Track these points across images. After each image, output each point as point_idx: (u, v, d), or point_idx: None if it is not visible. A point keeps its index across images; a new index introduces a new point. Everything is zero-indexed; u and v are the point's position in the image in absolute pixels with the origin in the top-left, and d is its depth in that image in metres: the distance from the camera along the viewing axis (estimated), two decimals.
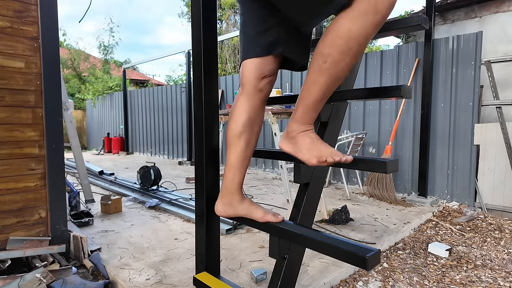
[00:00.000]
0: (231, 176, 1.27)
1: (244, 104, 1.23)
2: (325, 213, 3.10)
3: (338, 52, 0.95)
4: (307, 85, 1.05)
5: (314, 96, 1.05)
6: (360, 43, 0.94)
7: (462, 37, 3.69)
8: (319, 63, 0.99)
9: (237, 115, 1.23)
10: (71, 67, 14.04)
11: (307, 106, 1.08)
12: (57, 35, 2.20)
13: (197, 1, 1.39)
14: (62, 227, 2.24)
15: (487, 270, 2.25)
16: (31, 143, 2.12)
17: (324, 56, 0.97)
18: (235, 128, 1.23)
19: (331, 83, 1.02)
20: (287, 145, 1.15)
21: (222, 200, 1.31)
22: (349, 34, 0.92)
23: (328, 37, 0.96)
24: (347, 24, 0.92)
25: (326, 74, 0.99)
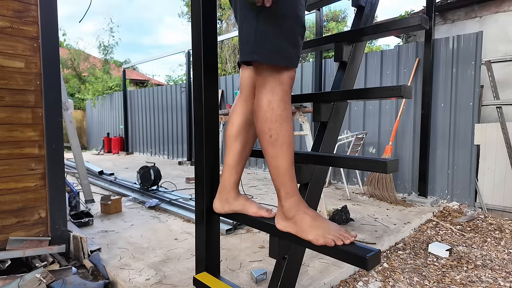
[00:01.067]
0: (228, 175, 1.34)
1: (241, 107, 1.32)
2: (325, 213, 3.10)
3: (274, 123, 1.08)
4: (271, 163, 1.12)
5: (282, 167, 1.11)
6: (283, 108, 1.09)
7: (462, 37, 3.69)
8: (266, 139, 1.10)
9: (234, 118, 1.33)
10: (71, 67, 14.04)
11: (284, 181, 1.12)
12: (57, 35, 2.20)
13: (197, 1, 1.39)
14: (62, 227, 2.24)
15: (488, 270, 2.25)
16: (31, 143, 2.12)
17: (266, 132, 1.09)
18: (232, 130, 1.32)
19: (286, 149, 1.10)
20: (286, 227, 1.14)
21: (220, 197, 1.37)
22: (272, 106, 1.08)
23: (258, 116, 1.10)
24: (266, 98, 1.08)
25: (277, 145, 1.09)
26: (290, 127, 1.11)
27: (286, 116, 1.09)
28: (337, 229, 1.08)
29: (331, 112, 1.47)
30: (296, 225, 1.11)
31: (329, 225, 1.09)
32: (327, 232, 1.06)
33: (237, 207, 1.34)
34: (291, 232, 1.13)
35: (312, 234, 1.07)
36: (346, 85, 1.54)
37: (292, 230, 1.12)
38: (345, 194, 4.17)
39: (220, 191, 1.37)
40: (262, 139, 1.12)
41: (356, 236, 1.05)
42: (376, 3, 1.67)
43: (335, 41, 1.55)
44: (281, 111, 1.08)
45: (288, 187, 1.12)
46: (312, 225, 1.09)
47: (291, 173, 1.12)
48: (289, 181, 1.12)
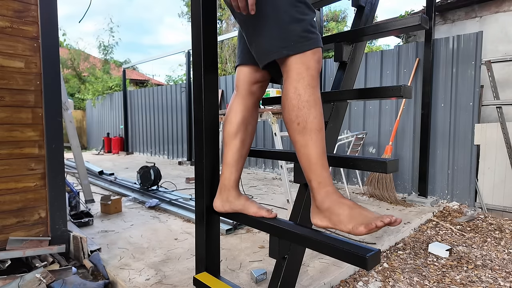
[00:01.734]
0: (228, 174, 1.34)
1: (239, 105, 1.32)
2: None
3: (301, 111, 1.05)
4: (301, 152, 1.08)
5: (313, 156, 1.07)
6: (311, 93, 1.06)
7: (463, 37, 3.69)
8: (294, 128, 1.07)
9: (232, 116, 1.32)
10: (71, 67, 14.03)
11: (315, 170, 1.07)
12: (57, 35, 2.20)
13: (197, 1, 1.39)
14: (62, 227, 2.24)
15: (488, 270, 2.25)
16: (31, 143, 2.12)
17: (294, 120, 1.07)
18: (231, 127, 1.32)
19: (316, 136, 1.06)
20: (322, 220, 1.08)
21: (220, 196, 1.36)
22: (299, 92, 1.05)
23: (286, 106, 1.09)
24: (293, 87, 1.06)
25: (306, 132, 1.06)
26: (319, 113, 1.07)
27: (314, 102, 1.06)
28: (375, 216, 1.00)
29: (331, 112, 1.47)
30: (332, 217, 1.05)
31: (367, 213, 1.01)
32: (366, 219, 0.99)
33: (237, 206, 1.33)
34: (329, 227, 1.07)
35: (350, 223, 1.00)
36: (346, 85, 1.54)
37: (330, 223, 1.06)
38: (345, 194, 4.17)
39: (220, 190, 1.37)
40: (290, 128, 1.09)
41: (396, 222, 0.96)
42: (376, 3, 1.67)
43: (335, 41, 1.55)
44: (308, 97, 1.05)
45: (320, 177, 1.07)
46: (351, 214, 1.02)
47: (322, 161, 1.07)
48: (321, 170, 1.07)
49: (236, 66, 1.34)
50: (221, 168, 1.41)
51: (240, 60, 1.33)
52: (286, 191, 2.93)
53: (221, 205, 1.36)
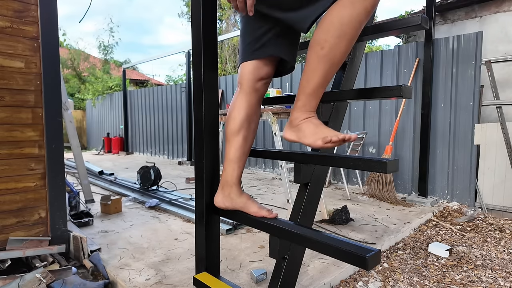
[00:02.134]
0: (230, 171, 1.33)
1: (242, 103, 1.31)
2: (325, 213, 3.10)
3: (333, 37, 1.00)
4: (307, 74, 1.08)
5: (314, 83, 1.08)
6: (353, 27, 0.99)
7: (463, 37, 3.69)
8: (316, 50, 1.04)
9: (235, 113, 1.31)
10: (71, 67, 14.04)
11: (308, 94, 1.10)
12: (57, 35, 2.20)
13: (197, 1, 1.39)
14: (62, 227, 2.24)
15: (488, 270, 2.25)
16: (31, 143, 2.12)
17: (320, 43, 1.02)
18: (234, 125, 1.31)
19: (329, 69, 1.06)
20: (291, 134, 1.16)
21: (222, 192, 1.36)
22: (342, 20, 0.98)
23: (323, 25, 1.02)
24: (339, 11, 0.99)
25: (324, 60, 1.04)
26: (348, 49, 1.03)
27: (351, 37, 1.00)
28: (335, 133, 1.09)
29: (331, 112, 1.47)
30: (299, 132, 1.12)
31: (329, 131, 1.09)
32: (325, 134, 1.08)
33: (238, 204, 1.33)
34: (294, 140, 1.14)
35: (312, 138, 1.09)
36: (346, 85, 1.54)
37: (295, 137, 1.14)
38: (345, 194, 4.17)
39: (222, 186, 1.36)
40: (312, 48, 1.05)
41: (350, 138, 1.05)
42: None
43: None
44: (348, 29, 0.99)
45: (308, 101, 1.11)
46: (315, 131, 1.09)
47: (319, 92, 1.10)
48: (313, 97, 1.11)
49: (240, 63, 1.33)
50: (221, 168, 1.41)
51: (244, 57, 1.31)
52: (286, 191, 2.93)
53: (222, 201, 1.36)
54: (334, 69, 1.07)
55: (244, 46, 1.32)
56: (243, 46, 1.32)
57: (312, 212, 1.43)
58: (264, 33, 1.24)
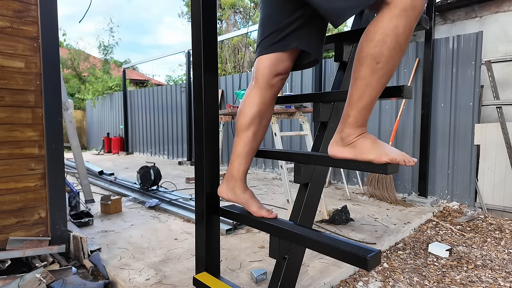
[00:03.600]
0: (237, 165, 1.32)
1: (255, 97, 1.27)
2: (325, 213, 3.10)
3: (389, 50, 0.97)
4: (359, 89, 1.03)
5: (369, 97, 1.04)
6: (407, 37, 0.98)
7: (462, 37, 3.69)
8: (371, 64, 0.99)
9: (247, 107, 1.27)
10: (71, 67, 14.04)
11: (361, 109, 1.05)
12: (57, 35, 2.20)
13: (197, 1, 1.39)
14: (62, 227, 2.24)
15: (488, 270, 2.25)
16: (31, 143, 2.12)
17: (376, 57, 0.98)
18: (244, 119, 1.27)
19: (385, 82, 1.03)
20: (343, 151, 1.10)
21: (227, 184, 1.35)
22: (397, 31, 0.95)
23: (375, 37, 0.98)
24: (392, 22, 0.95)
25: (380, 74, 1.00)
26: (400, 60, 1.01)
27: (403, 48, 0.98)
28: (399, 151, 1.05)
29: (331, 112, 1.47)
30: (355, 148, 1.07)
31: (391, 148, 1.07)
32: (389, 151, 1.04)
33: (241, 199, 1.33)
34: (347, 157, 1.09)
35: (373, 154, 1.04)
36: (346, 85, 1.54)
37: (350, 154, 1.09)
38: (345, 194, 4.17)
39: (227, 179, 1.35)
40: (364, 63, 1.00)
41: (416, 162, 1.03)
42: None
43: (336, 41, 1.55)
44: (402, 40, 0.97)
45: (361, 117, 1.06)
46: (373, 147, 1.05)
47: (371, 106, 1.06)
48: (366, 112, 1.06)
49: (257, 56, 1.26)
50: (221, 168, 1.41)
51: (262, 49, 1.24)
52: (286, 191, 2.93)
53: (226, 192, 1.35)
54: (388, 81, 1.03)
55: (263, 36, 1.24)
56: (262, 36, 1.24)
57: (312, 212, 1.43)
58: (290, 23, 1.17)
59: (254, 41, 15.70)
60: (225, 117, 3.62)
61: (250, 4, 15.29)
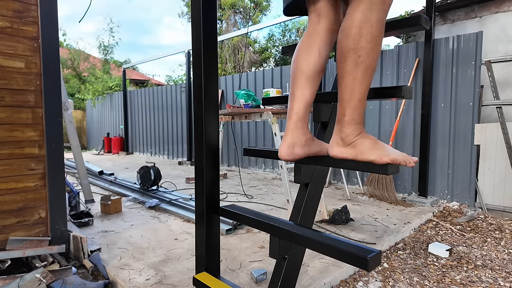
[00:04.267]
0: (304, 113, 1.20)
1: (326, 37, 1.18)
2: (325, 213, 3.10)
3: (367, 42, 1.00)
4: (348, 86, 1.04)
5: (360, 93, 1.05)
6: (380, 29, 1.01)
7: (462, 37, 3.69)
8: (353, 58, 1.01)
9: (313, 51, 1.17)
10: (71, 67, 14.04)
11: (354, 106, 1.06)
12: (57, 35, 2.20)
13: (197, 1, 1.39)
14: (62, 227, 2.24)
15: (488, 270, 2.25)
16: (31, 143, 2.12)
17: (355, 50, 1.00)
18: (309, 65, 1.17)
19: (370, 75, 1.04)
20: (343, 151, 1.10)
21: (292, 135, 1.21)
22: (371, 23, 0.99)
23: (351, 32, 1.00)
24: (365, 15, 0.99)
25: (363, 67, 1.02)
26: (379, 53, 1.04)
27: (379, 41, 1.02)
28: (399, 152, 1.06)
29: (331, 112, 1.47)
30: (356, 148, 1.07)
31: (391, 148, 1.07)
32: (390, 152, 1.04)
33: (315, 148, 1.23)
34: (348, 157, 1.08)
35: (373, 154, 1.04)
36: None
37: (350, 155, 1.08)
38: (345, 194, 4.17)
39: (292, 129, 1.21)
40: (347, 58, 1.02)
41: (417, 162, 1.04)
42: None
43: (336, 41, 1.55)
44: (377, 33, 1.00)
45: (356, 114, 1.06)
46: (373, 147, 1.06)
47: (363, 102, 1.07)
48: (359, 108, 1.06)
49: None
50: (221, 168, 1.41)
51: None
52: (286, 191, 2.93)
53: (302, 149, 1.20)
54: (372, 74, 1.05)
55: None
56: None
57: (312, 212, 1.43)
58: None
59: (254, 41, 15.71)
60: (225, 117, 3.62)
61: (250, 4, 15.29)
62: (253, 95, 3.47)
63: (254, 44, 15.73)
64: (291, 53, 1.64)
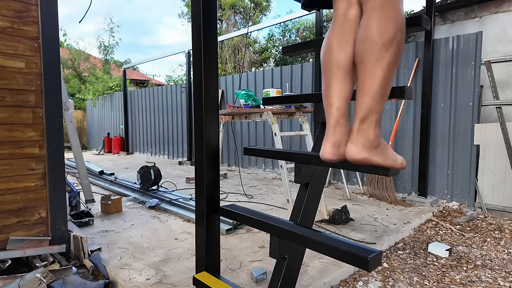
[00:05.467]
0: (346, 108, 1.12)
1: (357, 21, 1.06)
2: (325, 213, 3.10)
3: (403, 36, 0.96)
4: (386, 79, 0.95)
5: (388, 91, 0.99)
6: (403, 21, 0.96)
7: (462, 37, 3.69)
8: (396, 50, 0.95)
9: (345, 41, 1.05)
10: (71, 67, 14.04)
11: (383, 104, 0.99)
12: (57, 35, 2.20)
13: (197, 1, 1.39)
14: (62, 227, 2.24)
15: (487, 270, 2.25)
16: (31, 143, 2.12)
17: (399, 42, 0.94)
18: (345, 56, 1.05)
19: (394, 73, 0.98)
20: (371, 156, 1.00)
21: (344, 139, 1.07)
22: (403, 16, 0.95)
23: (396, 20, 0.94)
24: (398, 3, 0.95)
25: (398, 63, 0.96)
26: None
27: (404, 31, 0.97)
28: (401, 157, 1.07)
29: None
30: (383, 153, 1.01)
31: (394, 152, 1.08)
32: (398, 157, 1.04)
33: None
34: (379, 163, 1.01)
35: (391, 158, 1.02)
36: None
37: (380, 160, 1.01)
38: (345, 194, 4.17)
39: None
40: (389, 51, 0.92)
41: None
42: None
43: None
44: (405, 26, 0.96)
45: (381, 113, 0.99)
46: (388, 149, 1.04)
47: (387, 99, 1.00)
48: (383, 106, 0.99)
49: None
50: (221, 168, 1.41)
51: None
52: (286, 191, 2.93)
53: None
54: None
55: None
56: None
57: (312, 212, 1.43)
58: None
59: (254, 41, 15.71)
60: (225, 117, 3.62)
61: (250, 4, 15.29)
62: (253, 95, 3.47)
63: (254, 44, 15.73)
64: (291, 53, 1.65)
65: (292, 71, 5.43)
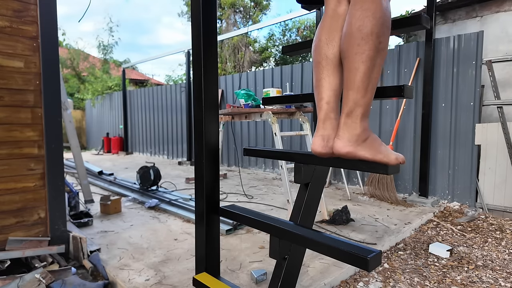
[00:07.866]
0: (337, 102, 1.13)
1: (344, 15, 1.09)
2: (326, 213, 3.09)
3: (387, 28, 0.97)
4: (365, 76, 0.97)
5: (374, 83, 1.00)
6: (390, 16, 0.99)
7: (463, 36, 3.68)
8: (375, 44, 0.95)
9: (335, 36, 1.09)
10: (71, 66, 14.03)
11: (370, 96, 0.99)
12: (56, 35, 2.19)
13: (197, 1, 1.38)
14: (62, 228, 2.24)
15: (488, 271, 2.25)
16: (30, 143, 2.11)
17: (378, 35, 0.95)
18: (334, 50, 1.09)
19: (381, 66, 0.99)
20: (359, 150, 1.00)
21: (333, 133, 1.10)
22: (389, 9, 0.97)
23: (376, 15, 0.95)
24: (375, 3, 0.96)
25: (381, 55, 0.97)
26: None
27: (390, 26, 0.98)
28: (399, 154, 1.05)
29: None
30: (372, 147, 1.00)
31: (389, 149, 1.05)
32: (394, 153, 1.02)
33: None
34: (366, 157, 1.00)
35: (382, 154, 0.99)
36: None
37: (368, 154, 1.00)
38: (345, 194, 4.16)
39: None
40: (369, 40, 0.93)
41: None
42: None
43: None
44: (389, 18, 0.97)
45: (369, 106, 0.99)
46: (381, 144, 1.01)
47: (373, 92, 1.01)
48: (370, 100, 0.99)
49: None
50: (221, 168, 1.40)
51: None
52: (286, 191, 2.92)
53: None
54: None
55: None
56: None
57: (312, 213, 1.42)
58: None
59: (254, 41, 15.70)
60: (225, 117, 3.61)
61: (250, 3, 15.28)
62: (253, 95, 3.46)
63: (254, 43, 15.72)
64: (291, 53, 1.64)
65: (293, 71, 5.42)
